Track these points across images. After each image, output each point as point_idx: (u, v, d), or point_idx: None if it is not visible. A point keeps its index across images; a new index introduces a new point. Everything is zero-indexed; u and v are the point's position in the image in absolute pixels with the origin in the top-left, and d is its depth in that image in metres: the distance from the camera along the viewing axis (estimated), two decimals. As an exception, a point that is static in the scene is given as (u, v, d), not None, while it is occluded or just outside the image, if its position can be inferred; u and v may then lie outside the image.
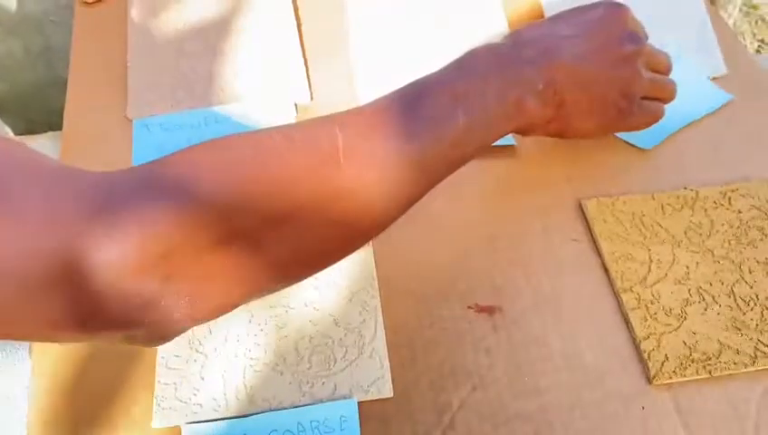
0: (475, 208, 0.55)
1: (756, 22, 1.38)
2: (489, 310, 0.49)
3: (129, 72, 0.64)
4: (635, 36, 0.50)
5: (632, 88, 0.51)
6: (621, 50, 0.49)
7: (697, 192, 0.55)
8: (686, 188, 0.55)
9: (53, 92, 0.82)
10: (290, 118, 0.61)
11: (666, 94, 0.54)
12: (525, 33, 0.49)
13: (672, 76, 0.55)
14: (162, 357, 0.47)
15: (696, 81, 0.62)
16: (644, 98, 0.53)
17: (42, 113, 0.89)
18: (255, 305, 0.49)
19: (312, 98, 0.63)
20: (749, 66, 0.64)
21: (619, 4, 0.51)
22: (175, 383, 0.45)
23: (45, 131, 0.81)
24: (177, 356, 0.46)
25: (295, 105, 0.62)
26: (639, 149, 0.58)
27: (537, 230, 0.53)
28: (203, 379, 0.45)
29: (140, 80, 0.63)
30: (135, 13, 0.68)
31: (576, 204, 0.55)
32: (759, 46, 1.32)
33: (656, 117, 0.54)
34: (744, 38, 1.34)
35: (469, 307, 0.49)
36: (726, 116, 0.60)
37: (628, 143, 0.58)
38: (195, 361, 0.46)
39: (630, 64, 0.50)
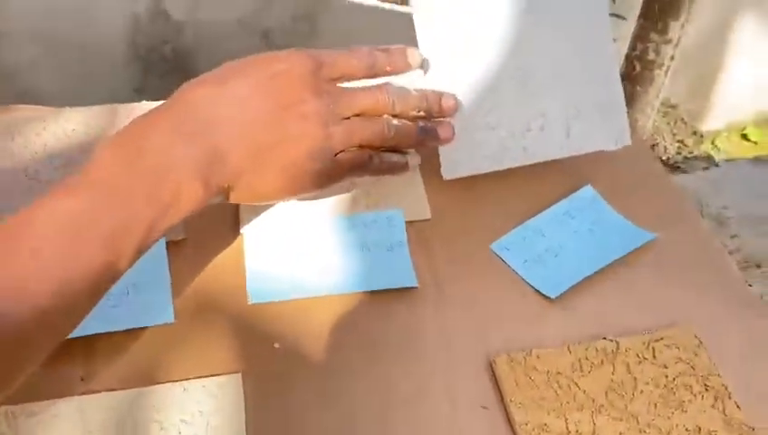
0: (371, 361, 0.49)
1: (675, 122, 1.42)
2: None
3: None
4: (321, 88, 0.47)
5: (320, 146, 0.47)
6: (302, 107, 0.46)
7: (618, 343, 0.50)
8: (605, 339, 0.51)
9: None
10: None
11: (396, 141, 0.51)
12: (189, 95, 0.45)
13: (587, 218, 0.52)
14: None
15: (612, 220, 0.59)
16: (384, 149, 0.50)
17: None
18: None
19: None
20: (673, 198, 0.62)
21: (303, 53, 0.48)
22: None
23: None
24: None
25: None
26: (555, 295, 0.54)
27: (439, 394, 0.48)
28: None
29: None
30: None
31: (485, 360, 0.50)
32: (678, 147, 1.35)
33: (381, 168, 0.51)
34: (663, 139, 1.37)
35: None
36: (647, 255, 0.57)
37: (538, 292, 0.54)
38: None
39: (313, 121, 0.46)
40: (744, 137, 1.76)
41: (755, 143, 1.75)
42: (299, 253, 0.54)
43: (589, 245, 0.57)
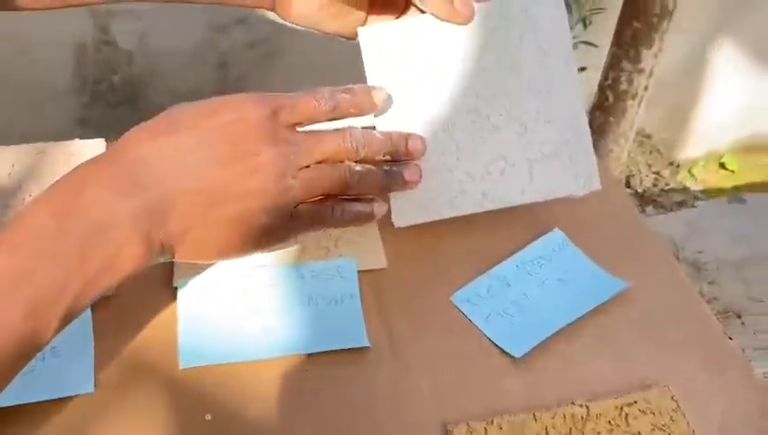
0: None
1: (650, 152, 1.39)
2: None
3: None
4: (278, 136, 0.43)
5: (275, 202, 0.43)
6: (255, 159, 0.42)
7: (588, 408, 0.46)
8: (574, 404, 0.46)
9: None
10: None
11: (360, 189, 0.47)
12: (131, 145, 0.41)
13: (556, 265, 0.48)
14: None
15: (583, 268, 0.55)
16: (348, 197, 0.47)
17: None
18: None
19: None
20: (647, 241, 0.58)
21: (258, 98, 0.44)
22: None
23: None
24: None
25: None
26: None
27: (391, 473, 0.43)
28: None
29: None
30: None
31: (441, 431, 0.45)
32: (655, 179, 1.32)
33: (344, 219, 0.47)
34: (639, 170, 1.34)
35: None
36: (620, 306, 0.53)
37: (502, 350, 0.50)
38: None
39: (268, 174, 0.43)
40: (722, 166, 1.75)
41: (733, 172, 1.74)
42: (237, 310, 0.50)
43: (558, 296, 0.53)
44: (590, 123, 1.24)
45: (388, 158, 0.49)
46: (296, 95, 0.45)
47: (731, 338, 0.53)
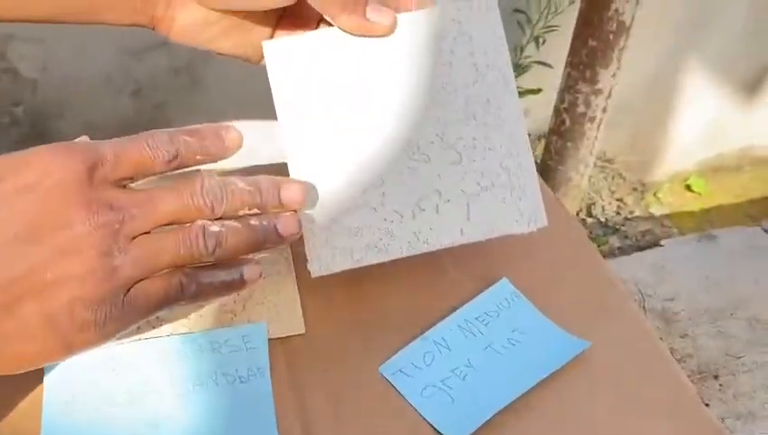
0: None
1: (613, 177, 1.35)
2: None
3: None
4: (99, 200, 0.34)
5: (96, 290, 0.34)
6: (65, 234, 0.33)
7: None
8: (527, 499, 0.39)
9: None
10: None
11: (221, 253, 0.38)
12: None
13: (504, 324, 0.45)
14: None
15: (537, 326, 0.48)
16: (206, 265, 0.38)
17: None
18: None
19: None
20: (609, 289, 0.52)
21: (70, 151, 0.34)
22: None
23: None
24: None
25: None
26: None
27: None
28: None
29: None
30: None
31: None
32: (618, 207, 1.28)
33: (203, 293, 0.39)
34: (602, 197, 1.30)
35: None
36: (579, 370, 0.46)
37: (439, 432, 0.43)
38: None
39: (83, 254, 0.34)
40: (688, 188, 1.72)
41: (700, 194, 1.71)
42: (115, 395, 0.42)
43: (508, 362, 0.46)
44: (547, 149, 1.21)
45: (255, 211, 0.40)
46: (122, 141, 0.36)
47: (707, 404, 0.47)
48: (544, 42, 1.12)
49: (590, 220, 1.23)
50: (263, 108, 0.49)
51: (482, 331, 0.48)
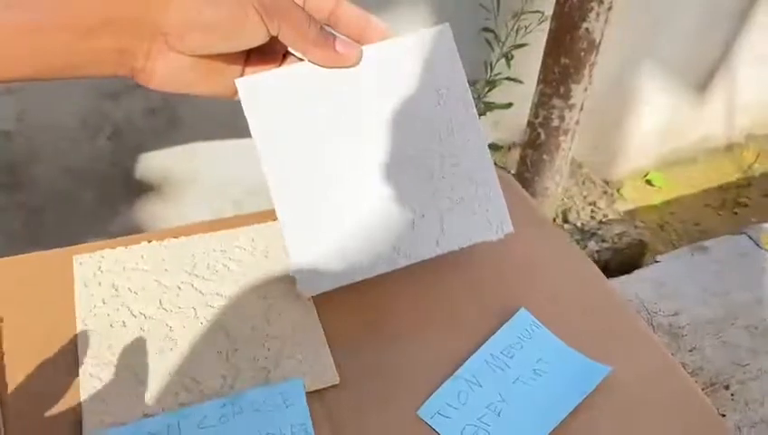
0: None
1: (584, 182, 1.38)
2: None
3: None
4: None
5: None
6: None
7: None
8: None
9: None
10: None
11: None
12: None
13: (529, 354, 0.47)
14: None
15: (559, 354, 0.51)
16: None
17: None
18: None
19: None
20: (618, 309, 0.54)
21: None
22: None
23: None
24: None
25: None
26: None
27: None
28: None
29: None
30: None
31: None
32: (592, 211, 1.31)
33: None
34: (575, 203, 1.33)
35: None
36: (602, 395, 0.48)
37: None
38: None
39: None
40: (649, 182, 1.78)
41: (660, 188, 1.77)
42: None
43: (537, 393, 0.48)
44: (523, 161, 1.23)
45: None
46: None
47: (723, 415, 0.50)
48: (512, 57, 1.15)
49: (567, 226, 1.27)
50: (240, 141, 0.50)
51: (508, 364, 0.50)
